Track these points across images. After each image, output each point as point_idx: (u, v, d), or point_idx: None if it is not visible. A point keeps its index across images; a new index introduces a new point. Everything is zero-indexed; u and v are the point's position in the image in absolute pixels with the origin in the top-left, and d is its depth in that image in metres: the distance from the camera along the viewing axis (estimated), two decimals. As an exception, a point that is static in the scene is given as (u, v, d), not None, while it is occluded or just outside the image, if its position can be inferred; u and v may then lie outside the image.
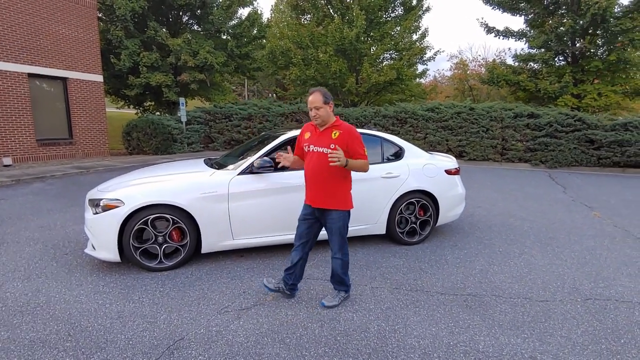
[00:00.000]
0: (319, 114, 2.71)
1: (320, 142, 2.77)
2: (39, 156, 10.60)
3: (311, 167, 2.80)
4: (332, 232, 2.82)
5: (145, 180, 3.70)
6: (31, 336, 2.50)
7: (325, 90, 2.75)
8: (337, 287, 2.99)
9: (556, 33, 14.35)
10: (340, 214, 2.79)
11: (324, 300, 2.93)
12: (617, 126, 10.90)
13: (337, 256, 2.87)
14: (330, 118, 2.77)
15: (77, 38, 11.34)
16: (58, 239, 4.42)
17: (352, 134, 2.74)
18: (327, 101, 2.71)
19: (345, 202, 2.82)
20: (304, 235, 2.91)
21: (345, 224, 2.84)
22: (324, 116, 2.72)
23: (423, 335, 2.57)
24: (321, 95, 2.69)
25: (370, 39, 17.43)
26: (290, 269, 2.95)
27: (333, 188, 2.76)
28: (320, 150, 2.74)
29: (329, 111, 2.74)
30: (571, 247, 4.39)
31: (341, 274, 2.90)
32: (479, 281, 3.43)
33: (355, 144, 2.74)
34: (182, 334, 2.55)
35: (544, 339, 2.54)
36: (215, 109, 14.52)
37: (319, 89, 2.75)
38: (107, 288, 3.19)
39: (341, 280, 2.93)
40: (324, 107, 2.70)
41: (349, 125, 2.77)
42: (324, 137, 2.76)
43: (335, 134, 2.73)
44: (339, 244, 2.84)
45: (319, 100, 2.69)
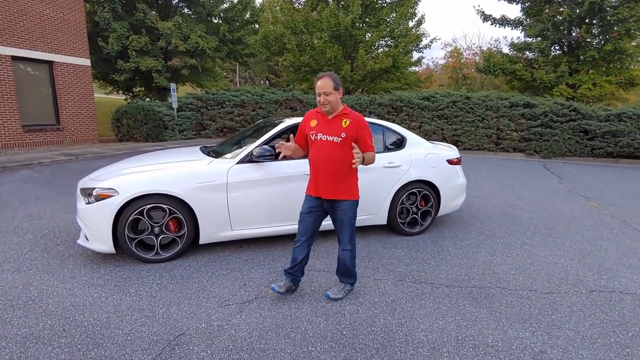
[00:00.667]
0: (328, 99, 2.56)
1: (330, 131, 2.63)
2: (25, 142, 10.27)
3: (322, 157, 2.65)
4: (343, 224, 2.72)
5: (140, 168, 3.55)
6: (23, 332, 2.38)
7: (335, 76, 2.61)
8: (344, 280, 2.91)
9: (553, 22, 14.27)
10: (351, 203, 2.71)
11: (329, 292, 2.84)
12: (612, 116, 10.95)
13: (347, 248, 2.78)
14: (339, 105, 2.65)
15: (62, 19, 10.90)
16: (48, 228, 4.26)
17: (363, 124, 2.65)
18: (337, 87, 2.58)
19: (355, 192, 2.74)
20: (310, 229, 2.77)
21: (355, 215, 2.75)
22: (333, 102, 2.58)
23: (430, 329, 2.51)
24: (332, 80, 2.55)
25: (365, 25, 17.14)
26: (295, 267, 2.82)
27: (344, 178, 2.66)
28: (331, 139, 2.61)
29: (338, 98, 2.60)
30: (572, 237, 4.38)
31: (350, 266, 2.82)
32: (483, 273, 3.39)
33: (365, 133, 2.65)
34: (183, 328, 2.46)
35: (552, 332, 2.51)
36: (207, 96, 14.21)
37: (329, 73, 2.60)
38: (102, 281, 3.07)
39: (350, 272, 2.86)
40: (334, 93, 2.56)
41: (358, 114, 2.67)
42: (334, 125, 2.63)
43: (345, 123, 2.61)
44: (350, 235, 2.76)
45: (329, 85, 2.54)
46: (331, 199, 2.70)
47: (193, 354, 2.22)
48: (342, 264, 2.83)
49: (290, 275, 2.86)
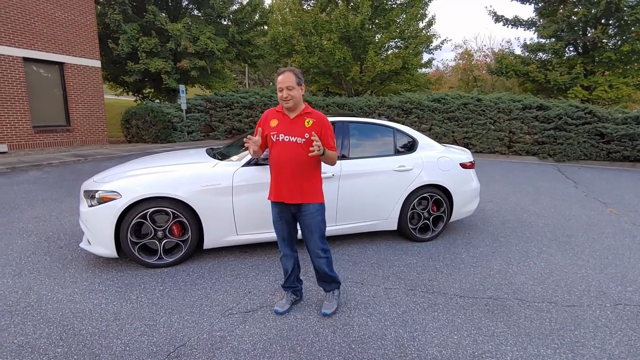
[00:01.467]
0: (291, 94, 2.37)
1: (292, 131, 2.43)
2: (35, 143, 10.34)
3: (284, 159, 2.44)
4: (311, 229, 2.52)
5: (144, 171, 3.46)
6: (19, 340, 2.30)
7: (298, 71, 2.45)
8: (328, 288, 2.73)
9: (568, 22, 13.95)
10: (318, 206, 2.52)
11: (324, 309, 2.65)
12: (629, 119, 10.62)
13: (321, 255, 2.59)
14: (301, 102, 2.48)
15: (73, 21, 10.97)
16: (53, 231, 4.21)
17: (326, 123, 2.50)
18: (300, 82, 2.43)
19: (321, 194, 2.56)
20: (286, 237, 2.63)
21: (324, 218, 2.57)
22: (296, 98, 2.40)
23: (445, 344, 2.37)
24: (294, 75, 2.39)
25: (375, 26, 16.99)
26: (289, 278, 2.71)
27: (309, 180, 2.48)
28: (294, 140, 2.42)
29: (301, 94, 2.44)
30: (591, 246, 4.18)
31: (329, 272, 2.64)
32: (499, 283, 3.23)
33: (328, 134, 2.49)
34: (184, 339, 2.35)
35: (576, 350, 2.34)
36: (216, 97, 14.21)
37: (291, 68, 2.45)
38: (103, 286, 2.98)
39: (331, 278, 2.68)
40: (296, 88, 2.39)
41: (321, 114, 2.52)
42: (296, 125, 2.44)
43: (308, 122, 2.44)
44: (320, 242, 2.56)
45: (291, 80, 2.37)
46: (296, 204, 2.50)
47: (193, 367, 2.11)
48: (321, 272, 2.65)
49: (288, 289, 2.76)
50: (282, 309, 2.67)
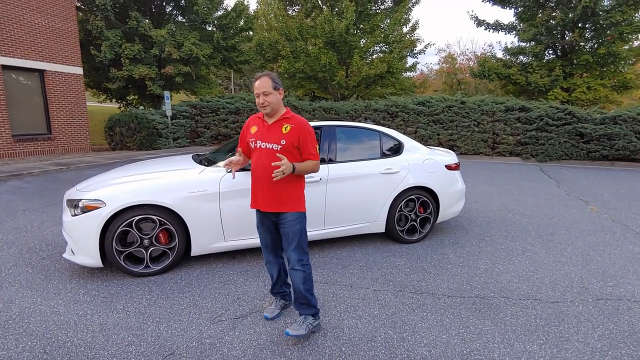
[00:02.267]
0: (268, 100, 2.30)
1: (268, 138, 2.36)
2: (15, 152, 10.07)
3: (260, 166, 2.36)
4: (289, 238, 2.39)
5: (129, 178, 3.41)
6: (1, 355, 2.23)
7: (274, 75, 2.36)
8: (303, 311, 2.46)
9: (546, 26, 14.34)
10: (296, 215, 2.39)
11: (289, 329, 2.36)
12: (607, 119, 10.96)
13: (297, 267, 2.40)
14: (280, 108, 2.38)
15: (54, 28, 10.77)
16: (35, 242, 4.11)
17: (305, 129, 2.35)
18: (277, 87, 2.33)
19: (300, 203, 2.43)
20: (269, 242, 2.56)
21: (304, 228, 2.43)
22: (274, 103, 2.32)
23: (434, 344, 2.39)
24: (270, 79, 2.31)
25: (360, 31, 17.18)
26: (276, 284, 2.69)
27: (285, 188, 2.36)
28: (270, 147, 2.34)
29: (279, 99, 2.35)
30: (573, 243, 4.29)
31: (304, 291, 2.40)
32: (485, 281, 3.28)
33: (308, 140, 2.36)
34: (172, 347, 2.32)
35: (560, 345, 2.39)
36: (201, 103, 14.11)
37: (267, 72, 2.36)
38: (88, 297, 2.92)
39: (305, 300, 2.42)
40: (273, 93, 2.31)
41: (301, 118, 2.40)
42: (273, 131, 2.36)
43: (286, 128, 2.33)
44: (297, 252, 2.39)
45: (267, 85, 2.29)
46: (273, 212, 2.43)
47: (182, 376, 2.08)
48: (296, 289, 2.42)
49: (276, 295, 2.75)
50: (272, 315, 2.66)
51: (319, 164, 2.45)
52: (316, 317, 2.50)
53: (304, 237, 2.44)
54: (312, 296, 2.46)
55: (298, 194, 2.43)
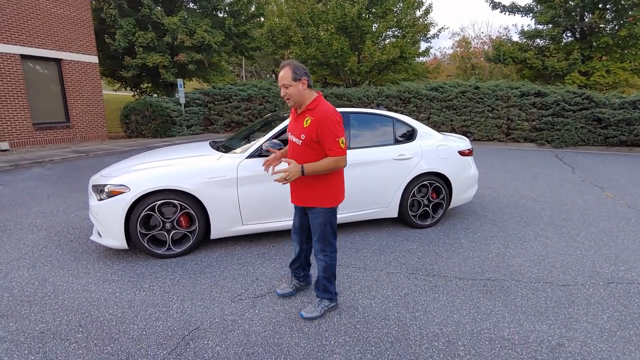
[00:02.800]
0: (288, 93, 2.24)
1: (294, 130, 2.34)
2: (36, 140, 10.39)
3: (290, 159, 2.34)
4: (314, 229, 2.46)
5: (151, 164, 3.55)
6: (41, 327, 2.42)
7: (296, 64, 2.24)
8: (319, 294, 2.58)
9: (565, 8, 13.90)
10: (321, 210, 2.38)
11: (303, 311, 2.53)
12: (626, 104, 10.68)
13: (319, 257, 2.49)
14: (303, 98, 2.27)
15: (69, 17, 10.93)
16: (61, 225, 4.31)
17: (324, 121, 2.19)
18: (298, 77, 2.20)
19: (328, 198, 2.37)
20: (296, 224, 2.65)
21: (329, 222, 2.42)
22: (294, 95, 2.24)
23: (445, 323, 2.49)
24: (290, 70, 2.20)
25: (372, 15, 16.91)
26: (294, 263, 2.80)
27: (311, 185, 2.35)
28: (295, 141, 2.34)
29: (301, 89, 2.23)
30: (587, 228, 4.30)
31: (322, 279, 2.52)
32: (497, 265, 3.35)
33: (326, 134, 2.19)
34: (197, 323, 2.47)
35: (569, 325, 2.46)
36: (214, 91, 14.21)
37: (290, 62, 2.26)
38: (115, 276, 3.10)
39: (323, 286, 2.54)
40: (293, 84, 2.21)
41: (324, 109, 2.22)
42: (298, 123, 2.32)
43: (306, 122, 2.24)
44: (320, 243, 2.46)
45: (287, 76, 2.21)
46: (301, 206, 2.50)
47: (208, 348, 2.23)
48: (317, 274, 2.57)
49: (293, 272, 2.86)
50: (282, 291, 2.81)
51: (341, 159, 2.25)
52: (332, 300, 2.61)
53: (329, 230, 2.44)
54: (331, 284, 2.56)
55: (326, 190, 2.36)
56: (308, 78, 2.26)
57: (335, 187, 2.39)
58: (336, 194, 2.41)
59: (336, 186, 2.40)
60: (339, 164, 2.26)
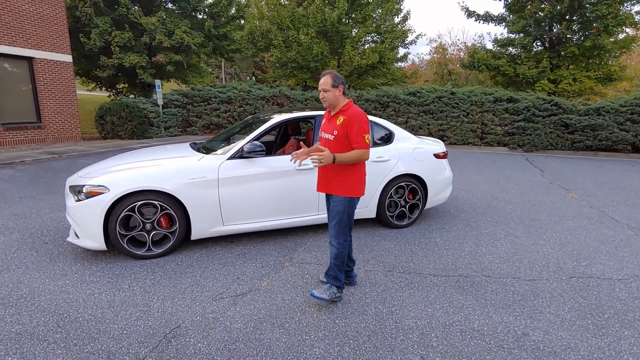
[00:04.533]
0: (325, 96, 2.66)
1: (327, 129, 2.74)
2: (5, 141, 10.00)
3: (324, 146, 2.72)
4: (332, 215, 2.73)
5: (130, 165, 3.54)
6: (17, 329, 2.38)
7: (336, 74, 2.66)
8: (329, 281, 2.77)
9: (535, 18, 14.57)
10: (342, 198, 2.66)
11: (314, 290, 2.73)
12: (591, 111, 11.28)
13: (332, 243, 2.71)
14: (337, 102, 2.68)
15: (42, 15, 10.61)
16: (35, 227, 4.21)
17: (352, 120, 2.58)
18: (336, 85, 2.63)
19: (350, 188, 2.66)
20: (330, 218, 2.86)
21: (346, 211, 2.66)
22: (330, 99, 2.65)
23: (420, 316, 2.61)
24: (331, 78, 2.63)
25: (352, 21, 17.17)
26: None
27: (337, 174, 2.68)
28: (327, 137, 2.71)
29: (337, 95, 2.65)
30: (552, 227, 4.55)
31: (333, 265, 2.71)
32: (469, 262, 3.51)
33: (355, 130, 2.57)
34: (178, 321, 2.50)
35: (534, 316, 2.63)
36: (193, 92, 14.05)
37: (330, 71, 2.69)
38: (94, 277, 3.07)
39: (334, 272, 2.73)
40: (331, 90, 2.63)
41: (355, 111, 2.62)
42: (332, 122, 2.71)
43: (339, 120, 2.64)
44: (335, 229, 2.68)
45: (327, 82, 2.63)
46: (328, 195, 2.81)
47: (190, 345, 2.26)
48: (329, 261, 2.76)
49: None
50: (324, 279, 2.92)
51: (365, 152, 2.60)
52: (340, 290, 2.77)
53: (345, 219, 2.68)
54: (340, 272, 2.74)
55: (349, 180, 2.67)
56: (344, 86, 2.68)
57: (357, 178, 2.71)
58: (357, 185, 2.71)
59: (358, 178, 2.71)
60: (363, 156, 2.62)
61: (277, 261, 3.46)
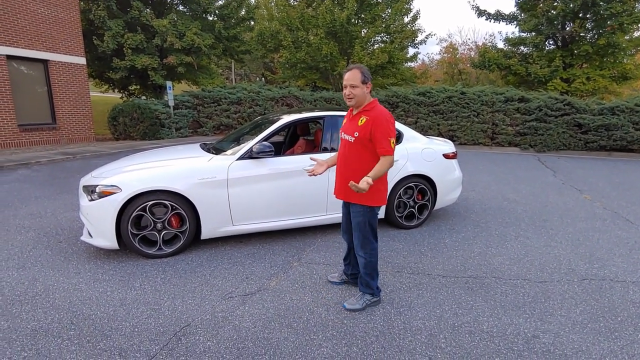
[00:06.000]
0: (353, 93, 2.39)
1: (348, 129, 2.51)
2: (21, 142, 10.25)
3: (340, 156, 2.59)
4: (354, 227, 2.61)
5: (142, 165, 3.60)
6: (32, 325, 2.45)
7: (365, 69, 2.42)
8: (362, 289, 2.72)
9: (547, 16, 14.35)
10: (362, 208, 2.50)
11: (346, 302, 2.68)
12: (605, 110, 11.07)
13: (360, 254, 2.63)
14: (364, 100, 2.45)
15: (57, 18, 10.85)
16: (50, 226, 4.31)
17: (377, 121, 2.36)
18: (366, 81, 2.40)
19: (370, 197, 2.47)
20: (344, 224, 2.82)
21: (368, 221, 2.53)
22: (359, 96, 2.40)
23: (428, 317, 2.60)
24: (360, 72, 2.38)
25: (361, 21, 17.15)
26: (346, 259, 2.99)
27: (356, 179, 2.42)
28: (347, 138, 2.50)
29: (365, 92, 2.42)
30: (565, 229, 4.48)
31: (364, 275, 2.65)
32: (479, 263, 3.48)
33: (379, 132, 2.34)
34: (188, 320, 2.53)
35: (544, 319, 2.60)
36: (203, 93, 14.20)
37: (359, 65, 2.42)
38: (106, 276, 3.13)
39: (365, 282, 2.67)
40: (360, 86, 2.38)
41: (379, 111, 2.40)
42: (353, 123, 2.49)
43: (361, 121, 2.42)
44: (360, 240, 2.59)
45: (356, 77, 2.37)
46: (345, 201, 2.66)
47: (199, 343, 2.29)
48: (359, 271, 2.72)
49: (344, 267, 3.04)
50: (331, 279, 3.07)
51: (391, 158, 2.38)
52: (374, 295, 2.72)
53: (368, 229, 2.56)
54: (372, 280, 2.67)
55: (370, 188, 2.36)
56: (371, 83, 2.45)
57: (378, 186, 2.47)
58: (378, 194, 2.50)
59: (379, 186, 2.49)
60: (391, 163, 2.40)
61: (286, 261, 3.48)
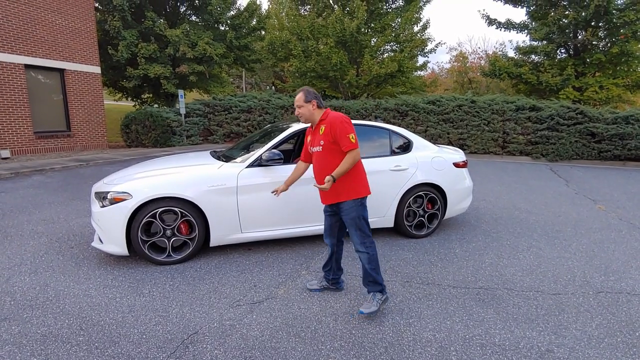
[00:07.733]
0: (300, 112, 2.76)
1: (314, 141, 2.79)
2: (37, 149, 10.47)
3: (315, 168, 2.82)
4: (348, 225, 2.73)
5: (152, 173, 3.64)
6: (43, 330, 2.47)
7: (308, 90, 2.76)
8: (370, 289, 2.73)
9: (558, 25, 14.25)
10: (351, 204, 2.67)
11: (362, 308, 2.65)
12: (619, 119, 10.89)
13: (360, 249, 2.70)
14: (313, 116, 2.77)
15: (73, 28, 11.14)
16: (62, 232, 4.37)
17: (334, 124, 2.61)
18: (309, 99, 2.73)
19: (356, 190, 2.68)
20: (328, 230, 2.93)
21: (360, 215, 2.68)
22: (305, 114, 2.75)
23: (438, 329, 2.55)
24: (303, 94, 2.73)
25: (371, 30, 17.26)
26: (327, 265, 3.02)
27: (341, 181, 2.65)
28: (316, 150, 2.76)
29: (311, 110, 2.74)
30: (579, 240, 4.39)
31: (369, 270, 2.69)
32: (490, 274, 3.42)
33: (338, 132, 2.59)
34: (196, 327, 2.53)
35: (559, 332, 2.53)
36: (214, 102, 14.37)
37: (303, 88, 2.78)
38: (116, 282, 3.15)
39: (372, 277, 2.69)
40: (304, 105, 2.73)
41: (333, 116, 2.66)
42: (316, 134, 2.77)
43: (322, 130, 2.70)
44: (358, 236, 2.69)
45: (300, 99, 2.74)
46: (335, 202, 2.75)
47: (206, 352, 2.28)
48: (363, 269, 2.75)
49: (325, 273, 3.05)
50: (311, 287, 3.08)
51: (355, 152, 2.60)
52: (383, 292, 2.73)
53: (363, 222, 2.71)
54: (378, 274, 2.72)
55: (352, 182, 2.68)
56: (317, 100, 2.75)
57: (358, 178, 2.72)
58: (361, 184, 2.73)
59: (359, 177, 2.73)
60: (356, 157, 2.62)
61: (294, 269, 3.46)
